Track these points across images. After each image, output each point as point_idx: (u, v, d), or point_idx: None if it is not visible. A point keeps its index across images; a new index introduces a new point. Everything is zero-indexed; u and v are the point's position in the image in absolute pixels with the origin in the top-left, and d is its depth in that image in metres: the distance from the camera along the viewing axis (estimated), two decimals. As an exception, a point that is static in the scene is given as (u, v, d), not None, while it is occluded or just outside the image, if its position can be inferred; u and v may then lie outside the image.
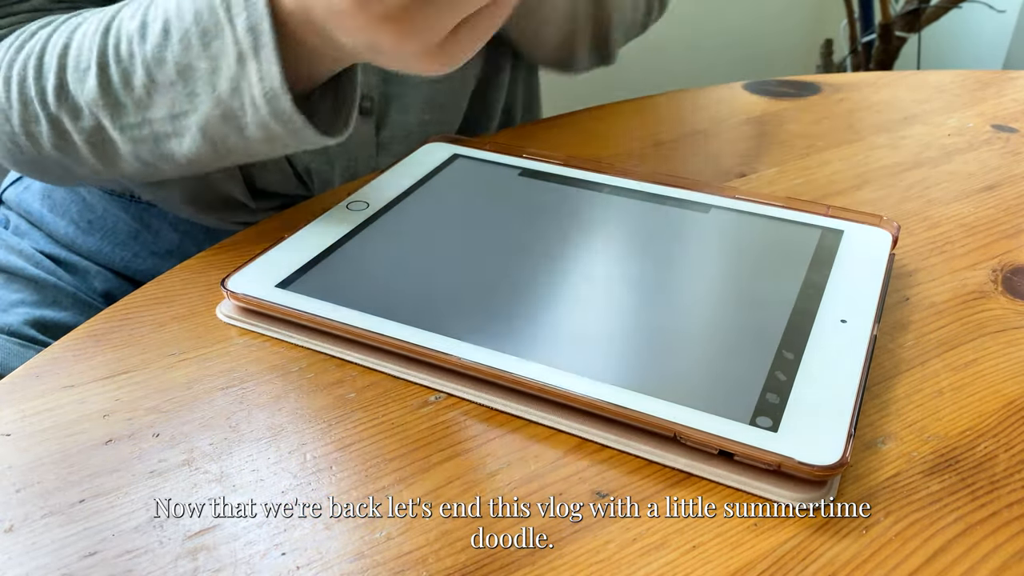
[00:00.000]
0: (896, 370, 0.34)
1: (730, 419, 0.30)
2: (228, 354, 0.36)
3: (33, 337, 0.51)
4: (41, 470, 0.30)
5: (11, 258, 0.55)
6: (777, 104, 0.61)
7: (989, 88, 0.64)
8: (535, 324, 0.35)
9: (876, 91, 0.63)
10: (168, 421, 0.32)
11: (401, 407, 0.33)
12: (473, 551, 0.27)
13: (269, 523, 0.28)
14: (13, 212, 0.60)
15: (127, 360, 0.36)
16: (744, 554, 0.27)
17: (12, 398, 0.34)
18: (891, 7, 1.49)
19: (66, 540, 0.28)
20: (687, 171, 0.51)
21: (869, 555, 0.27)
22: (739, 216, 0.43)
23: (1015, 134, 0.56)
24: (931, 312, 0.38)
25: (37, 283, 0.54)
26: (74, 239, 0.58)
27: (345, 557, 0.27)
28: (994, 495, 0.29)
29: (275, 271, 0.38)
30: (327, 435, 0.32)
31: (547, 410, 0.32)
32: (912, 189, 0.49)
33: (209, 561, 0.27)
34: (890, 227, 0.41)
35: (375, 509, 0.29)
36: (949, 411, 0.32)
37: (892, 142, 0.55)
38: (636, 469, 0.30)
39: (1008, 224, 0.45)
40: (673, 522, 0.28)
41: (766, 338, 0.34)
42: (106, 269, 0.59)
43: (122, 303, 0.39)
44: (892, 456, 0.30)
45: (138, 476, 0.30)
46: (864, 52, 1.62)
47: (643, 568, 0.26)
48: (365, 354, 0.35)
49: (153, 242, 0.59)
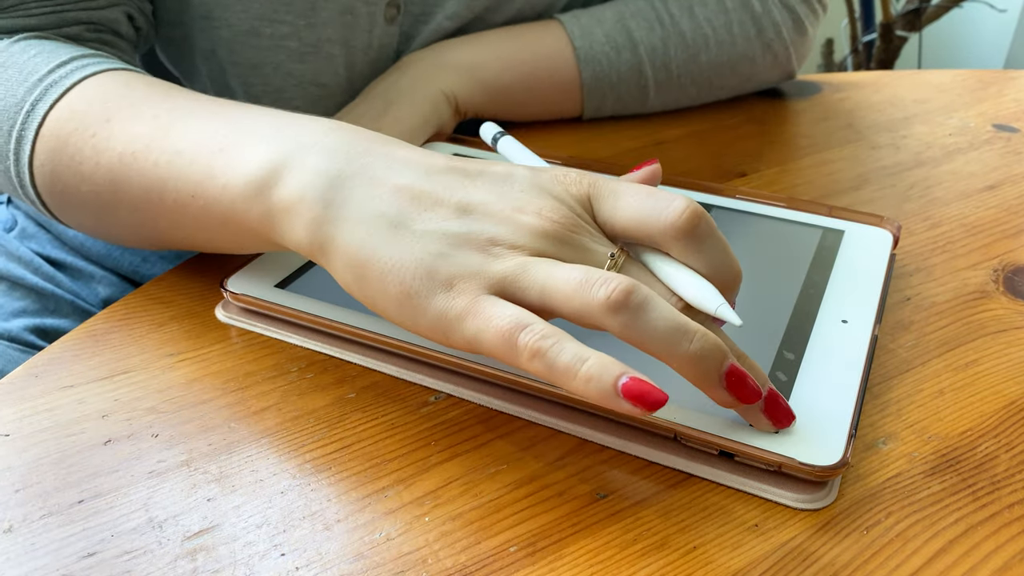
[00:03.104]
0: (897, 370, 0.34)
1: (730, 419, 0.30)
2: (227, 354, 0.36)
3: (32, 343, 0.51)
4: (40, 470, 0.30)
5: (11, 266, 0.55)
6: (778, 104, 0.61)
7: (990, 88, 0.64)
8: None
9: (877, 91, 0.63)
10: (167, 421, 0.32)
11: (401, 407, 0.33)
12: (473, 551, 0.27)
13: (268, 524, 0.28)
14: (21, 212, 0.60)
15: (126, 360, 0.36)
16: (745, 555, 0.27)
17: (11, 398, 0.33)
18: (892, 6, 1.49)
19: (65, 540, 0.28)
20: (688, 171, 0.51)
21: (870, 556, 0.27)
22: (740, 216, 0.43)
23: (1016, 134, 0.56)
24: (932, 312, 0.38)
25: (38, 292, 0.54)
26: (83, 242, 0.58)
27: (345, 557, 0.27)
28: (995, 495, 0.29)
29: (274, 271, 0.38)
30: (327, 435, 0.32)
31: (547, 410, 0.32)
32: (913, 189, 0.49)
33: (208, 562, 0.27)
34: (891, 227, 0.41)
35: (375, 509, 0.28)
36: (950, 411, 0.32)
37: (893, 142, 0.55)
38: (636, 469, 0.30)
39: (1009, 224, 0.45)
40: (673, 522, 0.28)
41: (767, 338, 0.34)
42: (112, 273, 0.59)
43: (121, 303, 0.39)
44: (893, 456, 0.30)
45: (137, 476, 0.30)
46: (865, 51, 1.62)
47: (643, 568, 0.26)
48: (365, 354, 0.35)
49: None
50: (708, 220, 0.30)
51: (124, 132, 0.36)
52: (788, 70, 0.61)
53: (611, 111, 0.58)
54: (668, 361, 0.28)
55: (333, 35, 0.51)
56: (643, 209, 0.30)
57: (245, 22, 0.49)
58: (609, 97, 0.56)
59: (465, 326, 0.28)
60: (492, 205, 0.30)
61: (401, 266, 0.29)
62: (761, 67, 0.59)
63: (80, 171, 0.37)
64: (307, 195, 0.31)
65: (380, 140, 0.33)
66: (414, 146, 0.33)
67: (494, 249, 0.29)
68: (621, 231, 0.31)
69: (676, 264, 0.30)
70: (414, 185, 0.30)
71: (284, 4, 0.49)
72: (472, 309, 0.28)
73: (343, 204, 0.30)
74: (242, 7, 0.49)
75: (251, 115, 0.35)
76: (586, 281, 0.27)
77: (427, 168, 0.31)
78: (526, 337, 0.27)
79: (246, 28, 0.50)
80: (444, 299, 0.28)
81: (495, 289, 0.29)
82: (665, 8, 0.56)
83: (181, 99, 0.37)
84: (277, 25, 0.50)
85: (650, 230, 0.30)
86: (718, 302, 0.29)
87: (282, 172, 0.32)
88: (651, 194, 0.30)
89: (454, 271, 0.29)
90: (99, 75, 0.39)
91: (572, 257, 0.29)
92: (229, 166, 0.33)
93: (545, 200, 0.30)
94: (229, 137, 0.34)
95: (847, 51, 1.64)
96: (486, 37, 0.55)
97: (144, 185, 0.36)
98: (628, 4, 0.57)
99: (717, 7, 0.57)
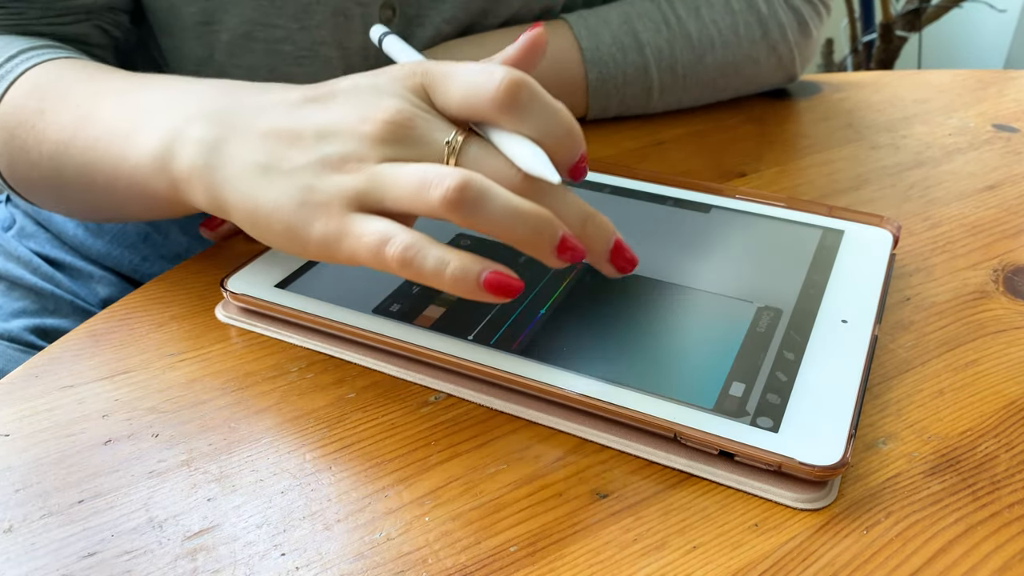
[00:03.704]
0: (897, 370, 0.34)
1: (730, 419, 0.30)
2: (227, 354, 0.36)
3: (32, 343, 0.51)
4: (40, 470, 0.30)
5: (10, 266, 0.55)
6: (778, 104, 0.61)
7: (990, 88, 0.64)
8: (535, 324, 0.35)
9: (877, 91, 0.63)
10: (167, 421, 0.32)
11: (401, 407, 0.33)
12: (473, 551, 0.27)
13: (268, 523, 0.28)
14: (20, 211, 0.60)
15: (126, 360, 0.36)
16: (744, 555, 0.27)
17: (11, 398, 0.34)
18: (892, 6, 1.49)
19: (65, 540, 0.28)
20: (688, 171, 0.51)
21: (870, 555, 0.27)
22: (740, 216, 0.43)
23: (1016, 134, 0.56)
24: (932, 312, 0.38)
25: (37, 292, 0.54)
26: (83, 241, 0.58)
27: (345, 557, 0.27)
28: (995, 495, 0.29)
29: (274, 271, 0.38)
30: (327, 435, 0.32)
31: (547, 410, 0.32)
32: (913, 189, 0.49)
33: (208, 562, 0.27)
34: (891, 227, 0.41)
35: (375, 509, 0.28)
36: (950, 411, 0.32)
37: (893, 142, 0.55)
38: (636, 469, 0.30)
39: (1009, 224, 0.45)
40: (673, 522, 0.28)
41: (766, 338, 0.34)
42: (112, 273, 0.59)
43: (122, 303, 0.39)
44: (893, 456, 0.30)
45: (137, 476, 0.30)
46: (865, 51, 1.62)
47: (643, 568, 0.26)
48: (365, 354, 0.35)
49: (162, 245, 0.59)
50: (529, 86, 0.31)
51: (55, 122, 0.40)
52: (791, 73, 0.61)
53: (616, 112, 0.58)
54: (509, 243, 0.30)
55: (327, 37, 0.51)
56: (469, 88, 0.31)
57: (240, 27, 0.50)
58: (614, 98, 0.56)
59: (342, 246, 0.31)
60: (340, 123, 0.32)
61: (279, 206, 0.31)
62: (765, 69, 0.59)
63: (28, 159, 0.41)
64: (196, 164, 0.33)
65: (251, 90, 0.35)
66: (285, 85, 0.35)
67: (347, 166, 0.31)
68: (455, 113, 0.32)
69: (508, 134, 0.31)
70: (276, 125, 0.33)
71: (277, 8, 0.49)
72: (344, 229, 0.30)
73: (223, 165, 0.33)
74: (236, 12, 0.49)
75: (153, 92, 0.38)
76: (423, 182, 0.29)
77: (286, 104, 0.33)
78: (391, 249, 0.29)
79: (241, 32, 0.50)
80: (320, 224, 0.31)
81: (356, 205, 0.31)
82: (672, 9, 0.56)
83: (101, 82, 0.40)
84: (271, 29, 0.50)
85: (479, 109, 0.31)
86: (538, 164, 0.30)
87: (173, 147, 0.34)
88: (478, 71, 0.31)
89: (320, 198, 0.31)
90: (42, 64, 0.42)
91: (414, 154, 0.31)
92: (135, 147, 0.36)
93: (383, 101, 0.32)
94: (134, 120, 0.37)
95: (847, 51, 1.64)
96: (492, 37, 0.55)
97: (78, 170, 0.39)
98: (635, 5, 0.56)
99: (723, 8, 0.57)
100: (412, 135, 0.31)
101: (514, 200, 0.29)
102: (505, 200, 0.29)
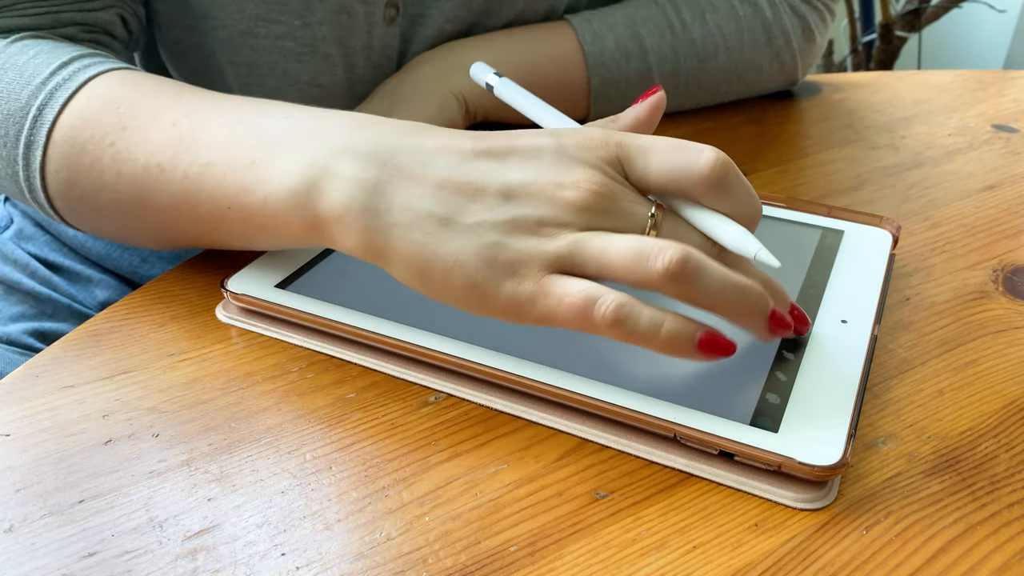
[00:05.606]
0: (896, 370, 0.34)
1: (730, 419, 0.30)
2: (228, 354, 0.36)
3: (32, 345, 0.51)
4: (41, 470, 0.30)
5: (7, 270, 0.54)
6: (778, 104, 0.61)
7: (989, 88, 0.64)
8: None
9: (876, 91, 0.63)
10: (168, 421, 0.32)
11: (401, 407, 0.33)
12: (473, 551, 0.27)
13: (269, 523, 0.28)
14: (18, 211, 0.60)
15: (127, 360, 0.36)
16: (744, 554, 0.27)
17: (12, 398, 0.34)
18: (891, 7, 1.49)
19: (65, 540, 0.28)
20: (687, 171, 0.51)
21: (870, 555, 0.27)
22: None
23: (1015, 134, 0.56)
24: (931, 312, 0.38)
25: (35, 296, 0.54)
26: (83, 242, 0.58)
27: (345, 557, 0.27)
28: (995, 495, 0.29)
29: (275, 272, 0.38)
30: (327, 435, 0.32)
31: (547, 410, 0.32)
32: (912, 189, 0.49)
33: (208, 561, 0.27)
34: (890, 227, 0.41)
35: (375, 509, 0.29)
36: (949, 411, 0.32)
37: (893, 142, 0.55)
38: (636, 469, 0.30)
39: (1009, 224, 0.45)
40: (673, 522, 0.28)
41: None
42: (111, 275, 0.59)
43: (122, 303, 0.39)
44: (892, 456, 0.30)
45: (137, 476, 0.30)
46: (864, 52, 1.62)
47: (643, 568, 0.26)
48: (365, 354, 0.35)
49: None
50: (733, 167, 0.32)
51: (145, 141, 0.36)
52: (793, 78, 0.61)
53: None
54: (721, 315, 0.31)
55: (329, 35, 0.51)
56: (674, 165, 0.31)
57: (241, 22, 0.49)
58: (616, 102, 0.56)
59: (537, 306, 0.30)
60: (531, 186, 0.31)
61: (462, 261, 0.30)
62: (767, 74, 0.59)
63: (101, 180, 0.37)
64: (352, 206, 0.31)
65: (405, 131, 0.33)
66: (437, 128, 0.34)
67: (544, 230, 0.31)
68: (655, 187, 0.32)
69: (709, 212, 0.32)
70: (451, 177, 0.32)
71: (279, 4, 0.49)
72: (540, 290, 0.30)
73: (389, 211, 0.31)
74: (238, 7, 0.49)
75: (270, 117, 0.35)
76: (640, 253, 0.29)
77: (458, 154, 0.32)
78: (601, 309, 0.29)
79: (242, 28, 0.50)
80: (511, 285, 0.30)
81: (554, 267, 0.30)
82: (676, 14, 0.56)
83: (195, 100, 0.37)
84: (272, 25, 0.50)
85: (683, 185, 0.31)
86: (756, 247, 0.31)
87: (320, 183, 0.32)
88: (678, 148, 0.32)
89: (513, 257, 0.30)
90: (103, 76, 0.39)
91: (616, 224, 0.31)
92: (265, 179, 0.33)
93: (580, 171, 0.31)
94: (256, 148, 0.34)
95: (847, 51, 1.64)
96: (496, 38, 0.55)
97: (173, 195, 0.36)
98: (640, 8, 0.56)
99: (728, 13, 0.57)
100: (614, 207, 0.31)
101: (730, 274, 0.30)
102: (722, 274, 0.30)
